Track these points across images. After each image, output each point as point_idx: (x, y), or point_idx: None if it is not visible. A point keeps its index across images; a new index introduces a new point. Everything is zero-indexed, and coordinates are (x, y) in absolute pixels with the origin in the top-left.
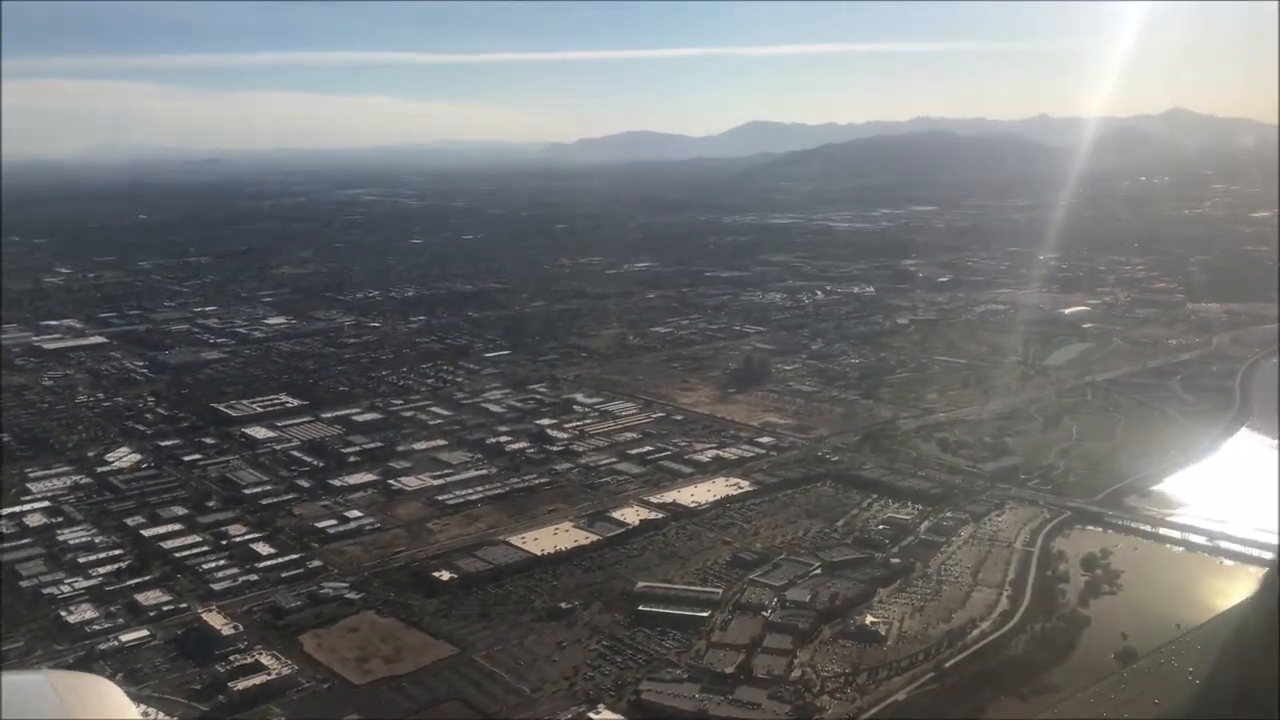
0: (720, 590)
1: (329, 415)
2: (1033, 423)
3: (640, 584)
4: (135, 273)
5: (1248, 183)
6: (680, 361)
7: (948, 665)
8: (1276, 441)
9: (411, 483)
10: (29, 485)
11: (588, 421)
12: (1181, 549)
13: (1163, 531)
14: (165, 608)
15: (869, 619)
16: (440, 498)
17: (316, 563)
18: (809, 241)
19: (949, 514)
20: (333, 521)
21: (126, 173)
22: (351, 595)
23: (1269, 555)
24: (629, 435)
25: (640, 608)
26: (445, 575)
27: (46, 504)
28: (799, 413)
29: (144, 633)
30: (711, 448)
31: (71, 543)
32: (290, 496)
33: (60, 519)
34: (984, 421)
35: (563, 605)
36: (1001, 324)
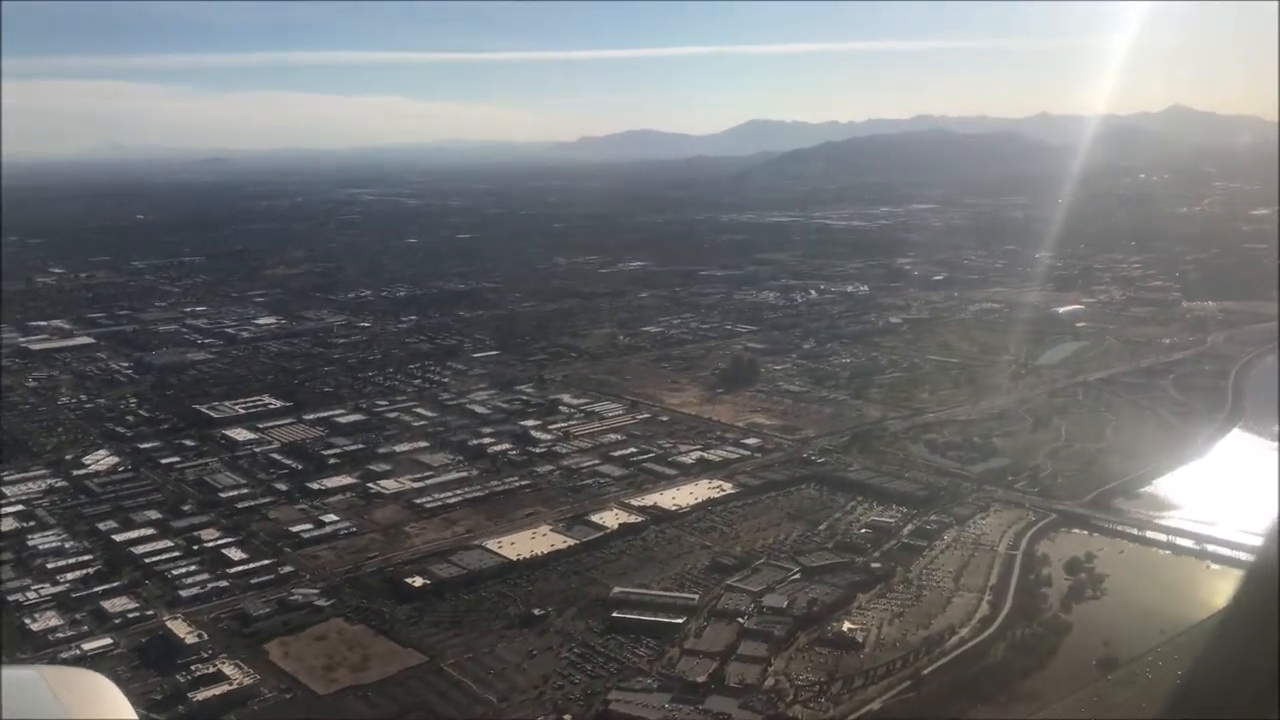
0: (696, 596)
1: (311, 417)
2: (1022, 423)
3: (615, 590)
4: (128, 273)
5: (1248, 180)
6: (670, 361)
7: (925, 673)
8: (1276, 442)
9: (390, 485)
10: (3, 489)
11: (573, 423)
12: (1168, 552)
13: (1150, 534)
14: (131, 615)
15: (846, 625)
16: (419, 501)
17: (288, 568)
18: (806, 240)
19: (933, 517)
20: (308, 525)
21: (127, 173)
22: (321, 602)
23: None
24: (613, 437)
25: (614, 614)
26: (418, 581)
27: (19, 508)
28: (786, 413)
29: (108, 640)
30: (696, 449)
31: (41, 548)
32: (267, 500)
33: (32, 523)
34: (974, 422)
35: (535, 612)
36: (995, 323)
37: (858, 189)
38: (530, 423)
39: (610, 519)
